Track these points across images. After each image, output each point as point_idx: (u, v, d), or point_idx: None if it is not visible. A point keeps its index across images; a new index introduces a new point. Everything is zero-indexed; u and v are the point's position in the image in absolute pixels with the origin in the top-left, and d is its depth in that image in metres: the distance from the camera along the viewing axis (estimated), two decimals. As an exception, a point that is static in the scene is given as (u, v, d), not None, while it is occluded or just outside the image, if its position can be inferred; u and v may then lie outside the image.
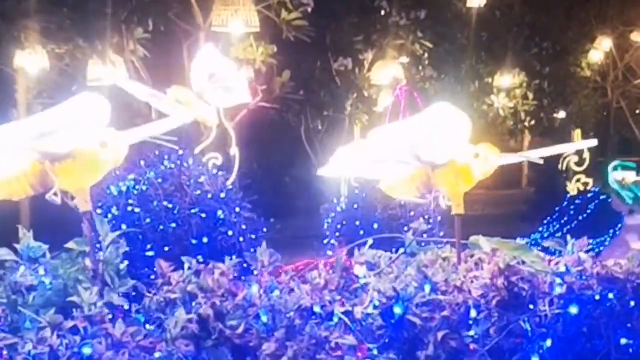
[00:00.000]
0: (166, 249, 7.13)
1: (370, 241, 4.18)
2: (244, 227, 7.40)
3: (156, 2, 15.24)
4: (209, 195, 7.32)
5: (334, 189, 12.50)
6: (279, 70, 17.95)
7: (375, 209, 10.77)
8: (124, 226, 7.05)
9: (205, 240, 7.16)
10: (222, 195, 7.38)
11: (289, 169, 21.13)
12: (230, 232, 7.29)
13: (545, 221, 16.72)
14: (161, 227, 7.15)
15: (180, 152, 7.55)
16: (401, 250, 4.29)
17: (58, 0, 14.78)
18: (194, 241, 7.16)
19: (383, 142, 3.90)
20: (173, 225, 7.16)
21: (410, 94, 16.10)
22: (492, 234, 15.46)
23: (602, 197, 16.72)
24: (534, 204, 18.88)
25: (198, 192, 7.27)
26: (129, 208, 7.23)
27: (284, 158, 20.54)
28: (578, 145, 4.53)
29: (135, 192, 7.25)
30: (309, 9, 16.00)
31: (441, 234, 11.54)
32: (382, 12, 19.33)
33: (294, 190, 21.47)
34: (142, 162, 7.54)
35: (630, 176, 16.41)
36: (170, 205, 7.18)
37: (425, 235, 5.10)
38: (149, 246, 7.13)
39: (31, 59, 15.13)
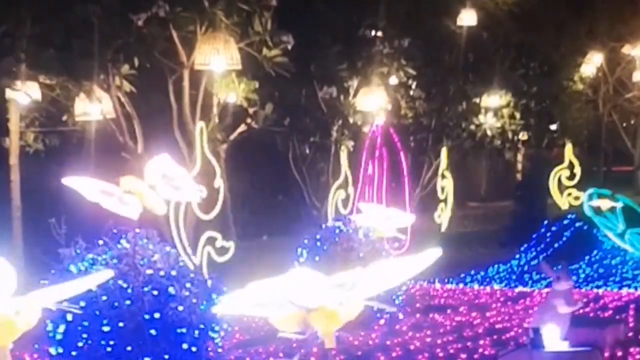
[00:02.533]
0: (121, 324, 7.65)
1: None
2: (194, 301, 7.91)
3: (141, 41, 15.74)
4: (162, 273, 7.83)
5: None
6: (264, 100, 18.55)
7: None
8: (82, 303, 7.57)
9: (157, 315, 7.67)
10: (174, 272, 7.89)
11: (281, 190, 21.71)
12: (180, 308, 7.79)
13: (522, 248, 17.23)
14: (116, 304, 7.65)
15: (137, 230, 8.06)
16: None
17: (45, 41, 15.29)
18: (147, 317, 7.67)
19: (265, 290, 4.52)
20: (128, 302, 7.67)
21: (387, 131, 16.65)
22: (474, 255, 15.88)
23: (578, 224, 17.23)
24: (513, 230, 19.36)
25: (150, 271, 7.78)
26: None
27: (277, 180, 21.11)
28: (423, 265, 4.88)
29: (93, 271, 7.76)
30: (289, 46, 16.51)
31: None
32: (367, 41, 19.81)
33: (285, 209, 22.05)
34: (100, 242, 8.05)
35: (605, 204, 16.91)
36: (125, 284, 7.70)
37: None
38: (105, 321, 7.66)
39: (22, 90, 15.66)
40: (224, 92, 16.51)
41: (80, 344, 7.70)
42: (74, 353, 7.54)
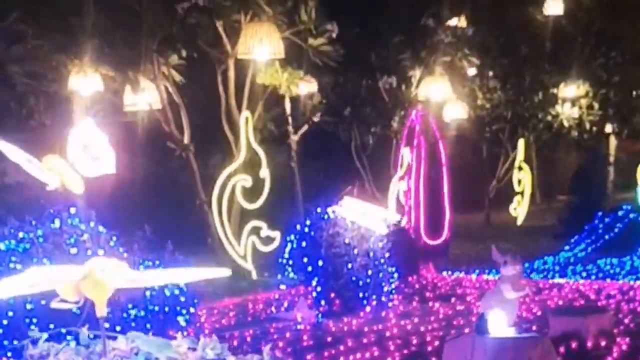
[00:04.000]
0: (43, 302, 7.69)
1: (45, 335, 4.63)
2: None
3: (185, 31, 15.87)
4: (89, 252, 7.86)
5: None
6: (323, 91, 18.52)
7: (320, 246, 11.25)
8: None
9: None
10: (101, 252, 7.91)
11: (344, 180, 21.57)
12: None
13: (573, 240, 16.73)
14: None
15: (73, 210, 8.12)
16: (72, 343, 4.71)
17: (89, 32, 15.52)
18: None
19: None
20: None
21: (425, 118, 16.36)
22: (526, 248, 15.48)
23: (632, 215, 16.63)
24: (566, 221, 18.79)
25: (74, 250, 7.82)
26: (11, 265, 7.84)
27: (341, 170, 20.99)
28: (207, 276, 4.83)
29: (20, 250, 7.84)
30: (334, 35, 16.42)
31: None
32: (429, 30, 19.52)
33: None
34: (33, 222, 8.12)
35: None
36: (48, 263, 7.75)
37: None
38: (29, 299, 7.73)
39: (85, 82, 15.92)
40: (268, 82, 16.49)
41: (4, 322, 7.79)
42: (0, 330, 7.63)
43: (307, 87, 18.35)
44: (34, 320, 7.74)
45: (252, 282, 14.86)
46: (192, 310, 8.99)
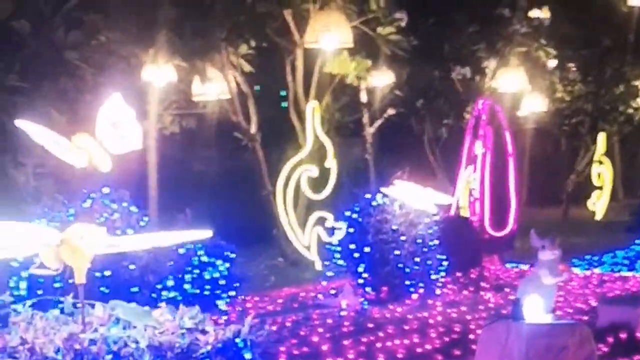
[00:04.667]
0: (71, 281, 7.70)
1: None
2: (152, 261, 7.91)
3: (253, 21, 15.88)
4: (118, 232, 7.88)
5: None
6: (398, 82, 18.36)
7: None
8: (38, 260, 7.69)
9: (107, 273, 7.73)
10: (130, 231, 7.92)
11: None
12: (132, 266, 7.81)
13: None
14: None
15: (106, 190, 8.15)
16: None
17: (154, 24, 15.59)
18: (97, 274, 7.74)
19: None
20: None
21: (492, 108, 16.09)
22: (599, 242, 15.18)
23: None
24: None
25: (104, 229, 7.81)
26: None
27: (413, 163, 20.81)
28: (188, 239, 4.76)
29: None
30: (403, 23, 16.26)
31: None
32: (505, 20, 19.20)
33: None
34: (65, 201, 8.17)
35: None
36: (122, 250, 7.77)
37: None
38: (57, 278, 7.78)
39: (158, 73, 16.03)
40: (336, 71, 16.39)
41: (28, 302, 7.80)
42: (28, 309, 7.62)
43: (382, 78, 18.25)
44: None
45: (315, 273, 14.78)
46: (232, 293, 8.96)
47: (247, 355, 4.50)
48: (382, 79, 18.30)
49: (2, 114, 9.96)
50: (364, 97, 18.25)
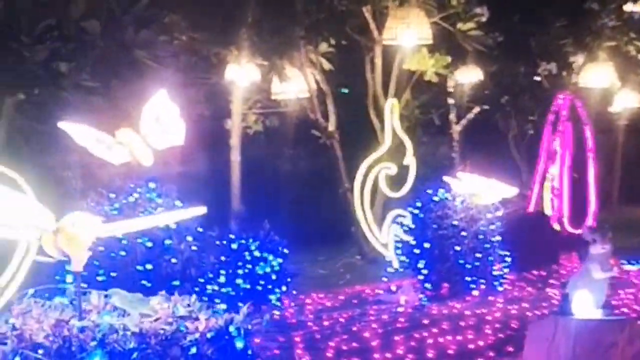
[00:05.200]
0: (113, 274, 7.84)
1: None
2: (194, 249, 7.94)
3: (332, 18, 15.88)
4: (161, 226, 7.92)
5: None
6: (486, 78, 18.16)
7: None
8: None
9: (149, 267, 7.78)
10: (173, 226, 7.96)
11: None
12: (174, 260, 7.85)
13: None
14: (112, 254, 7.85)
15: (152, 185, 8.20)
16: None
17: (235, 23, 15.70)
18: (139, 267, 7.81)
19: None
20: (122, 253, 7.84)
21: (573, 103, 15.75)
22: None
23: None
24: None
25: None
26: None
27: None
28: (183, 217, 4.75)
29: None
30: (483, 19, 16.07)
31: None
32: (593, 14, 18.79)
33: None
34: (111, 195, 8.24)
35: None
36: (120, 235, 7.88)
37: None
38: (101, 271, 7.88)
39: (241, 72, 16.16)
40: (414, 68, 16.29)
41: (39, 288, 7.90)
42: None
43: (469, 74, 18.09)
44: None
45: (392, 271, 14.69)
46: (284, 288, 8.97)
47: (239, 344, 4.48)
48: (468, 76, 18.15)
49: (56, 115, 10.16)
50: (450, 94, 18.12)
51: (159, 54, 11.86)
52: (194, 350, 4.23)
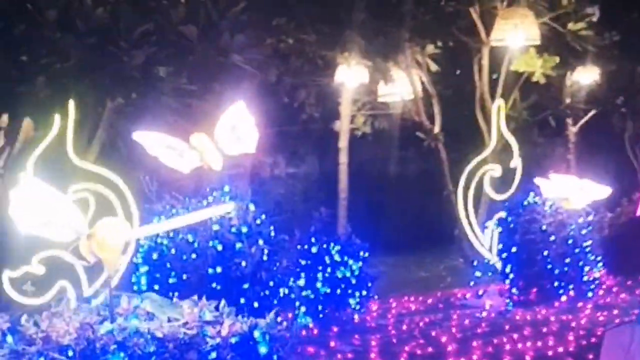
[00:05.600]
0: (185, 277, 7.95)
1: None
2: (265, 258, 7.97)
3: (439, 20, 15.82)
4: (233, 230, 7.98)
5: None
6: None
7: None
8: (154, 255, 8.02)
9: (219, 270, 7.85)
10: (244, 229, 8.01)
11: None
12: (243, 263, 7.90)
13: None
14: (184, 257, 7.96)
15: (227, 188, 8.28)
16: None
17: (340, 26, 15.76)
18: (210, 270, 7.89)
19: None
20: (194, 256, 7.95)
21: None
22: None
23: None
24: None
25: (217, 227, 7.97)
26: (159, 240, 8.12)
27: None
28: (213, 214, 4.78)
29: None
30: (594, 19, 15.77)
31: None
32: None
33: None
34: (186, 199, 8.33)
35: None
36: (191, 238, 7.98)
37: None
38: (172, 273, 7.99)
39: (350, 74, 16.24)
40: (522, 69, 16.06)
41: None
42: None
43: (586, 75, 17.77)
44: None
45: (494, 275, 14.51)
46: (364, 293, 8.98)
47: (263, 350, 4.52)
48: (586, 76, 17.83)
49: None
50: (564, 95, 17.82)
51: (255, 57, 12.01)
52: (213, 355, 4.28)
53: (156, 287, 8.04)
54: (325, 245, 9.15)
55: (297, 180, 18.54)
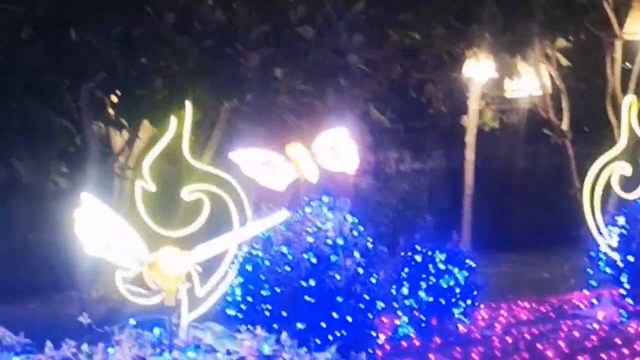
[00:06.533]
0: (278, 290, 7.89)
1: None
2: (360, 271, 7.85)
3: (570, 13, 15.45)
4: (329, 242, 7.88)
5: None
6: None
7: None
8: (248, 267, 8.01)
9: (312, 282, 7.76)
10: (340, 241, 7.90)
11: None
12: (338, 276, 7.80)
13: None
14: (277, 269, 7.91)
15: (325, 199, 8.19)
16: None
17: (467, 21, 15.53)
18: (303, 283, 7.80)
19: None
20: (287, 268, 7.88)
21: None
22: None
23: None
24: None
25: (311, 239, 7.88)
26: (253, 251, 8.08)
27: None
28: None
29: (263, 236, 8.03)
30: None
31: None
32: None
33: None
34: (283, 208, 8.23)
35: None
36: (286, 250, 7.92)
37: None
38: (266, 286, 7.95)
39: (478, 68, 16.04)
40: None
41: (242, 306, 8.11)
42: (239, 315, 7.93)
43: None
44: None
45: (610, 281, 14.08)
46: (468, 302, 8.84)
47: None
48: None
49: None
50: None
51: (373, 57, 11.93)
52: (261, 392, 4.26)
53: (249, 298, 8.07)
54: (430, 253, 9.04)
55: (422, 175, 18.39)
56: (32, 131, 12.58)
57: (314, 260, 7.78)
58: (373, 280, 7.92)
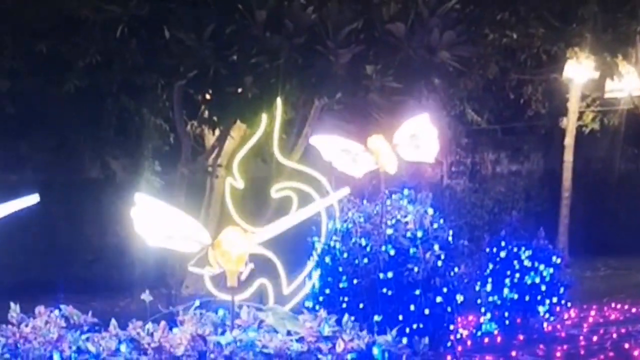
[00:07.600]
0: (355, 281, 7.81)
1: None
2: (439, 264, 7.72)
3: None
4: (408, 234, 7.78)
5: None
6: None
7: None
8: (327, 258, 7.98)
9: (390, 275, 7.66)
10: (419, 234, 7.78)
11: None
12: (416, 269, 7.68)
13: None
14: (356, 261, 7.83)
15: (406, 192, 8.10)
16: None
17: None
18: (381, 275, 7.70)
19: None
20: (365, 260, 7.80)
21: None
22: None
23: None
24: None
25: (391, 231, 7.78)
26: (332, 243, 8.02)
27: None
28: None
29: (343, 229, 7.96)
30: None
31: None
32: None
33: None
34: (364, 202, 8.17)
35: None
36: (364, 243, 7.84)
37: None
38: (344, 278, 7.88)
39: (579, 69, 15.78)
40: None
41: (320, 298, 8.07)
42: (317, 307, 7.88)
43: None
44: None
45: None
46: (554, 300, 8.67)
47: (380, 368, 4.43)
48: None
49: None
50: None
51: (465, 54, 11.81)
52: (319, 371, 4.24)
53: (327, 290, 8.06)
54: (515, 250, 8.89)
55: (519, 178, 18.13)
56: (127, 130, 12.80)
57: (392, 253, 7.72)
58: (452, 274, 7.80)
